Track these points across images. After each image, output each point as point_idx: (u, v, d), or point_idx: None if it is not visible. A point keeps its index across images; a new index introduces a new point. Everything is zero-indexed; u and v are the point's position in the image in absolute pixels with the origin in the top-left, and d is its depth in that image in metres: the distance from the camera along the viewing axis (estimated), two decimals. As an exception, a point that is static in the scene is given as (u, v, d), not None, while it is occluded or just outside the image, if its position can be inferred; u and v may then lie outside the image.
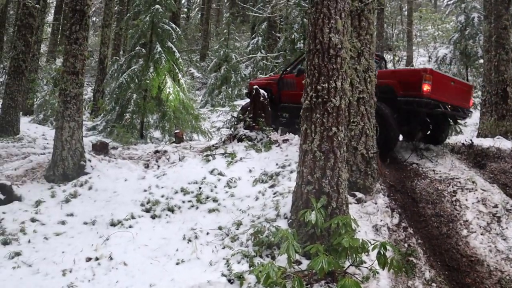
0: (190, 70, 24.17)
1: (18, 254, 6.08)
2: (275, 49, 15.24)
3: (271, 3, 15.03)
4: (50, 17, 32.79)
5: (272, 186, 7.25)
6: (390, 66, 21.20)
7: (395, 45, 26.80)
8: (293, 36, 15.40)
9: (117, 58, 18.96)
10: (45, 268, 5.82)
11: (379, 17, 19.42)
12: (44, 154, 10.15)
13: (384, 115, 8.29)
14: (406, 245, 6.27)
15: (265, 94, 9.53)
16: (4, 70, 24.42)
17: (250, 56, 16.60)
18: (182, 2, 36.56)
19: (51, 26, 30.25)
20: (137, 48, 15.26)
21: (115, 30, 26.38)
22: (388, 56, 22.97)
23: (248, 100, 11.13)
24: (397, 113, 8.63)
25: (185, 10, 40.43)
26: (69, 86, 8.38)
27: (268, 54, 15.03)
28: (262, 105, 9.36)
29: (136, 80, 14.17)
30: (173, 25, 15.00)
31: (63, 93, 8.43)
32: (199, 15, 39.14)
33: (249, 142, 8.94)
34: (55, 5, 31.78)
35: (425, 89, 8.22)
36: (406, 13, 32.76)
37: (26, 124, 14.72)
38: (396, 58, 22.86)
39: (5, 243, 6.32)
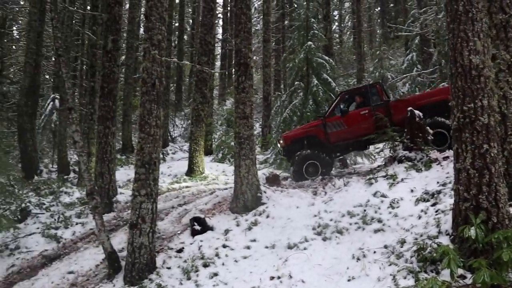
0: (348, 95, 24.78)
1: (216, 274, 7.38)
2: (430, 64, 15.07)
3: (420, 20, 15.03)
4: (217, 63, 36.68)
5: (434, 205, 7.46)
6: None
7: None
8: (446, 49, 15.00)
9: (279, 93, 20.53)
10: (238, 285, 6.96)
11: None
12: (226, 189, 11.69)
13: None
14: None
15: (420, 114, 9.72)
16: (186, 117, 28.05)
17: (404, 76, 16.63)
18: (333, 28, 37.59)
19: (219, 74, 33.81)
20: (296, 83, 16.50)
21: (274, 67, 28.43)
22: None
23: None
24: None
25: (337, 35, 41.40)
26: (241, 129, 9.71)
27: (423, 71, 14.93)
28: (419, 125, 9.57)
29: (298, 113, 15.32)
30: (326, 57, 15.92)
31: (237, 136, 9.79)
32: (352, 38, 39.73)
33: (409, 163, 9.22)
34: (220, 53, 35.50)
35: None
36: None
37: (208, 163, 16.87)
38: None
39: (205, 265, 7.69)
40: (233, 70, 10.34)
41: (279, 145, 12.76)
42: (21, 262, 10.39)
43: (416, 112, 9.72)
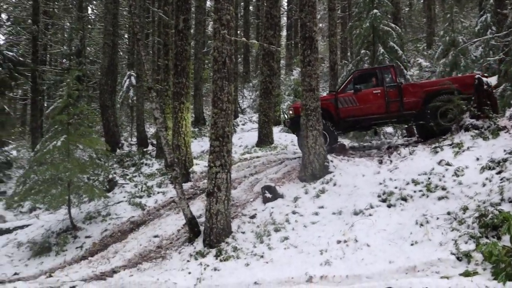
0: (418, 60, 24.22)
1: (286, 238, 8.01)
2: (504, 26, 14.44)
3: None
4: (284, 33, 36.75)
5: (499, 173, 7.54)
6: None
7: None
8: (523, 10, 14.35)
9: (346, 62, 20.53)
10: (307, 248, 7.54)
11: None
12: (295, 159, 12.22)
13: None
14: None
15: (489, 81, 9.61)
16: (254, 88, 28.63)
17: (477, 39, 16.02)
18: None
19: (285, 44, 33.96)
20: (362, 51, 16.50)
21: (340, 34, 28.17)
22: None
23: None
24: None
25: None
26: (308, 101, 10.12)
27: (496, 35, 14.32)
28: (487, 93, 9.48)
29: (367, 82, 15.36)
30: (392, 25, 15.77)
31: (304, 107, 10.20)
32: (421, 0, 38.16)
33: (476, 131, 9.22)
34: (286, 24, 35.51)
35: None
36: None
37: (277, 134, 17.39)
38: None
39: (276, 230, 8.34)
40: (299, 44, 10.65)
41: (287, 115, 12.92)
42: (112, 227, 11.61)
43: (484, 79, 9.63)
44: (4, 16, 30.04)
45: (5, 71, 20.98)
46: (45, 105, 29.31)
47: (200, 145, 17.49)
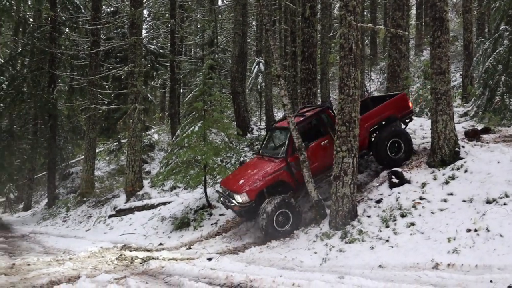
0: None
1: (412, 224, 8.00)
2: None
3: None
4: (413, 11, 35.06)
5: None
6: None
7: None
8: None
9: (483, 39, 19.12)
10: (434, 235, 7.47)
11: None
12: (423, 143, 11.88)
13: None
14: None
15: None
16: (381, 71, 27.94)
17: None
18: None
19: (415, 24, 32.44)
20: (501, 28, 15.28)
21: (477, 9, 26.15)
22: None
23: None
24: None
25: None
26: (438, 85, 9.80)
27: None
28: None
29: (504, 62, 14.26)
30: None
31: (434, 91, 9.91)
32: None
33: None
34: (416, 2, 33.83)
35: None
36: None
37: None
38: None
39: (402, 215, 8.36)
40: (429, 24, 10.23)
41: (231, 199, 10.44)
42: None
43: None
44: (145, 12, 32.96)
45: (148, 63, 23.16)
46: (181, 92, 31.76)
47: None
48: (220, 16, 30.85)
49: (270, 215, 9.62)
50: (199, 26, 35.27)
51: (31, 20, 25.36)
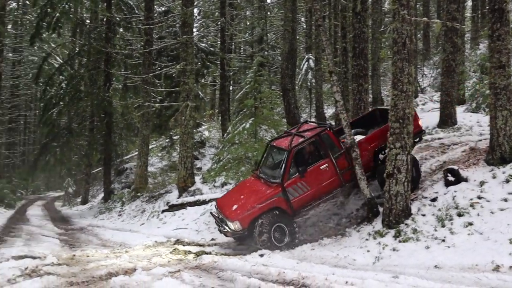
0: None
1: (470, 223, 7.75)
2: None
3: None
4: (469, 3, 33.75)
5: None
6: None
7: None
8: None
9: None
10: (494, 236, 7.21)
11: None
12: (481, 140, 11.47)
13: None
14: None
15: None
16: (435, 66, 27.10)
17: None
18: None
19: (471, 16, 31.23)
20: None
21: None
22: None
23: None
24: None
25: None
26: (497, 79, 9.41)
27: None
28: None
29: None
30: None
31: (493, 86, 9.52)
32: None
33: None
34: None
35: None
36: None
37: (460, 114, 16.34)
38: None
39: (459, 215, 8.11)
40: (487, 16, 9.80)
41: (225, 224, 10.13)
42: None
43: None
44: (196, 11, 33.47)
45: (199, 61, 23.54)
46: (231, 89, 32.07)
47: (378, 126, 17.39)
48: (269, 13, 30.88)
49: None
50: (248, 24, 35.49)
51: (88, 21, 26.38)
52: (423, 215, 8.63)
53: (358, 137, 10.63)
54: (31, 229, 16.90)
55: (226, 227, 9.91)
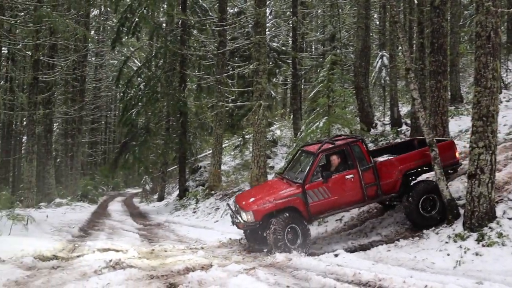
0: None
1: None
2: None
3: None
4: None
5: None
6: None
7: None
8: None
9: None
10: None
11: None
12: None
13: None
14: None
15: None
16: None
17: None
18: None
19: None
20: None
21: None
22: None
23: None
24: None
25: None
26: None
27: None
28: None
29: None
30: None
31: None
32: None
33: None
34: None
35: None
36: None
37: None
38: None
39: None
40: None
41: (239, 216, 10.05)
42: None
43: None
44: (267, 10, 33.70)
45: (271, 60, 23.70)
46: (303, 88, 31.98)
47: (457, 124, 16.61)
48: (341, 11, 30.44)
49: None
50: (319, 22, 35.20)
51: (164, 25, 27.36)
52: (510, 218, 8.16)
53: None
54: (112, 223, 17.84)
55: (239, 218, 9.87)
